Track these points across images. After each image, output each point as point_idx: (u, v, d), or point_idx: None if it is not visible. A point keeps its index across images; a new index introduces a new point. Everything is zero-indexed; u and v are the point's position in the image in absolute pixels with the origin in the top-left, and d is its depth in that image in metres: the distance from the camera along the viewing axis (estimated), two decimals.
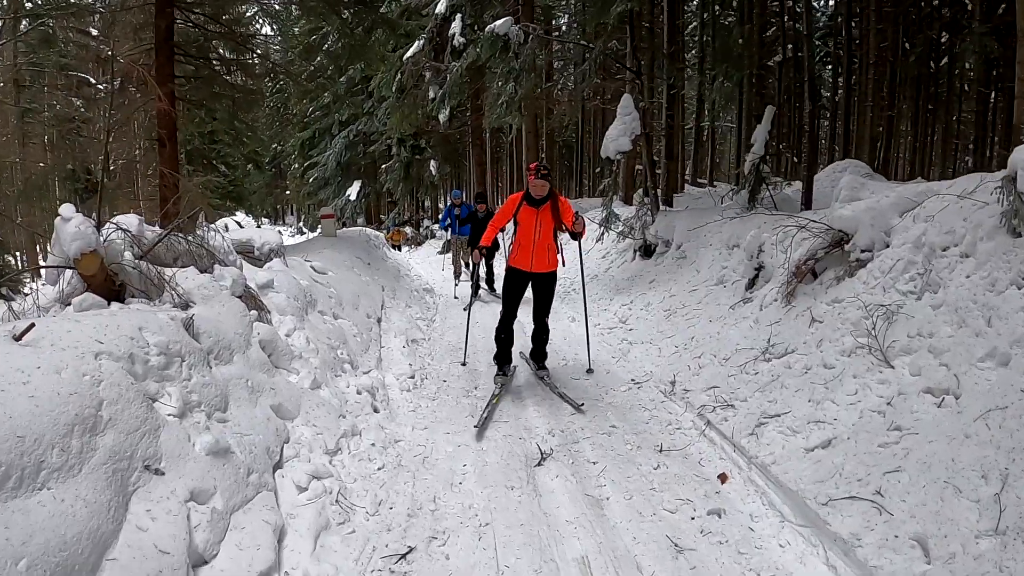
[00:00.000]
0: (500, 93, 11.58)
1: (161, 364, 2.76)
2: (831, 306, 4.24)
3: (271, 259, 5.56)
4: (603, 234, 8.17)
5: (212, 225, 4.23)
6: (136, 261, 3.70)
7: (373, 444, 3.45)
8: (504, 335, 4.83)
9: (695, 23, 19.99)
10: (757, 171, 6.72)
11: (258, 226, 38.35)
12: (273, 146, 40.54)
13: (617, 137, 7.28)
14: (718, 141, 28.61)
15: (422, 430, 3.81)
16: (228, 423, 2.90)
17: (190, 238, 4.00)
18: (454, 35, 14.43)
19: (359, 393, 3.94)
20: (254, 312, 3.77)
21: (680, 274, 6.75)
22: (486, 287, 9.07)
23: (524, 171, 18.05)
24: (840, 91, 20.35)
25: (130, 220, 4.02)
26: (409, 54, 15.30)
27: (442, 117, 14.33)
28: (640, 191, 8.91)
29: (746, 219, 6.38)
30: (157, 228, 4.24)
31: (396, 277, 8.88)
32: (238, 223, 31.27)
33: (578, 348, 5.81)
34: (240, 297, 3.83)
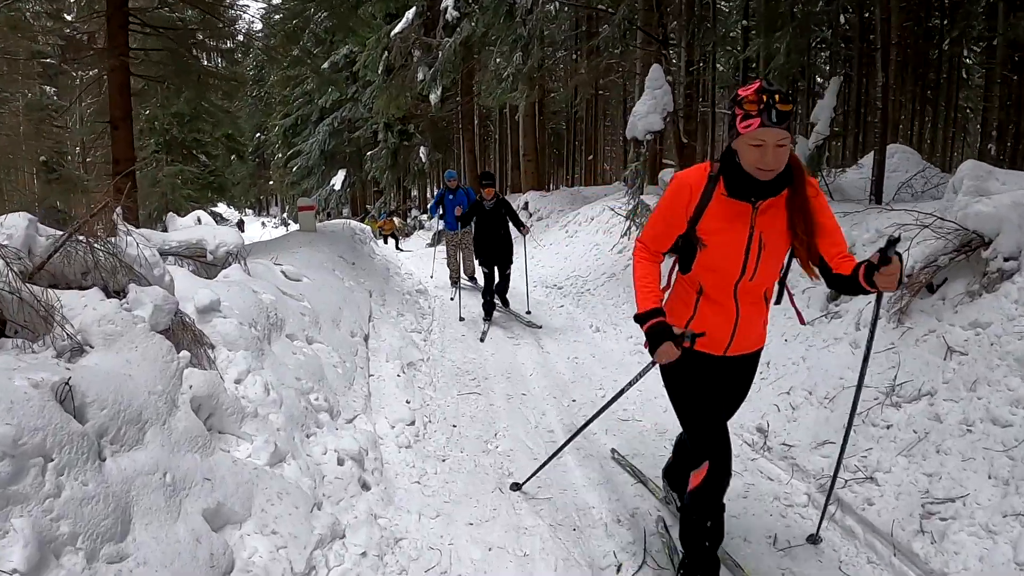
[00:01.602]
0: (498, 70, 10.40)
1: (3, 476, 1.62)
2: (973, 332, 3.18)
3: (229, 264, 4.39)
4: (629, 230, 7.06)
5: (129, 226, 3.04)
6: (18, 284, 2.54)
7: (364, 553, 2.33)
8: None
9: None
10: (819, 154, 5.64)
11: (241, 218, 36.94)
12: (256, 135, 39.21)
13: (646, 114, 6.14)
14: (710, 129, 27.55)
15: (433, 518, 2.68)
16: (126, 563, 1.76)
17: (97, 246, 2.83)
18: (447, 8, 13.16)
19: (341, 463, 2.81)
20: (185, 354, 2.61)
21: None
22: (498, 304, 6.76)
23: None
24: (841, 75, 19.55)
25: (14, 222, 2.86)
26: (397, 30, 14.05)
27: (433, 97, 13.10)
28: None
29: None
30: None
31: (385, 278, 7.71)
32: (219, 215, 29.88)
33: (616, 370, 4.71)
34: (166, 331, 2.68)
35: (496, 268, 6.59)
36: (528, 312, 6.69)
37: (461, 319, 6.59)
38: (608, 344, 5.51)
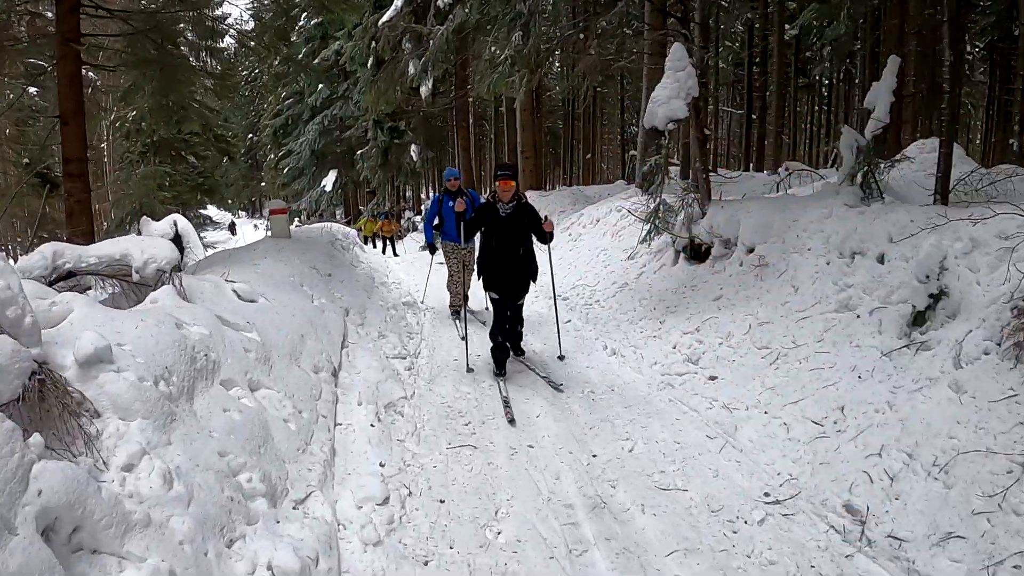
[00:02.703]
0: (493, 58, 9.56)
1: None
2: None
3: (162, 284, 3.54)
4: (649, 234, 6.21)
5: None
6: None
7: None
8: None
9: None
10: (877, 145, 4.81)
11: (232, 220, 35.91)
12: (249, 136, 38.42)
13: (668, 99, 5.29)
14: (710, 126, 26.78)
15: None
16: None
17: None
18: None
19: None
20: (37, 439, 1.75)
21: (764, 290, 4.83)
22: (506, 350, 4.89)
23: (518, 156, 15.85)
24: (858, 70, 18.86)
25: None
26: (385, 19, 13.20)
27: (424, 90, 12.25)
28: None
29: (866, 213, 4.47)
30: None
31: (368, 291, 6.84)
32: (209, 217, 28.92)
33: (643, 410, 3.86)
34: (15, 402, 1.82)
35: (508, 299, 4.81)
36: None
37: (470, 370, 4.83)
38: (627, 373, 4.66)
